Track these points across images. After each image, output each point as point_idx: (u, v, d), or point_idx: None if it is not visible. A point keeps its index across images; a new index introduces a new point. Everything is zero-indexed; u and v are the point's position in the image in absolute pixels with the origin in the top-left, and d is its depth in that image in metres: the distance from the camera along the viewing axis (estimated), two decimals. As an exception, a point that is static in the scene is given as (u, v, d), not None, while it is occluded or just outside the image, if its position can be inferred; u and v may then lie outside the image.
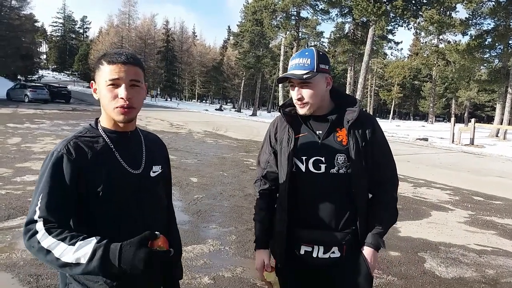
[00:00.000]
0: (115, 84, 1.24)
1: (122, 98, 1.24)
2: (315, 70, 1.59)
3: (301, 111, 1.64)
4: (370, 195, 1.72)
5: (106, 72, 1.24)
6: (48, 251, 1.08)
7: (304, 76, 1.57)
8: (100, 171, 1.24)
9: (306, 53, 1.63)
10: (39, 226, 1.11)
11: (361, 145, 1.62)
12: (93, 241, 1.08)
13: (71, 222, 1.22)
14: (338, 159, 1.61)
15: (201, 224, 4.77)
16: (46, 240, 1.10)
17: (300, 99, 1.61)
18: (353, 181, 1.61)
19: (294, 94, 1.63)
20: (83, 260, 1.05)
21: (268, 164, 1.77)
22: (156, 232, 1.12)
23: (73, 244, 1.08)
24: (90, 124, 1.35)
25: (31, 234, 1.11)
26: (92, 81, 1.33)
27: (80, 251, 1.07)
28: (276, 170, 1.74)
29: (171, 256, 1.12)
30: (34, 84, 33.18)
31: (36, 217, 1.13)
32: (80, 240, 1.09)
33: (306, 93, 1.61)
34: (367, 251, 1.64)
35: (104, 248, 1.06)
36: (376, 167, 1.67)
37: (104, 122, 1.33)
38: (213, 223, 4.84)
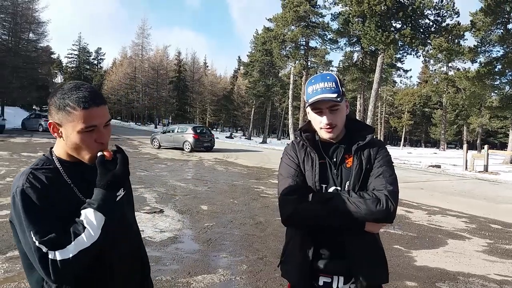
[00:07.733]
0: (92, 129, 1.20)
1: (102, 143, 1.22)
2: (341, 94, 1.57)
3: (327, 135, 1.60)
4: None
5: (80, 117, 1.18)
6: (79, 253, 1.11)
7: (338, 99, 1.55)
8: (61, 206, 1.16)
9: (328, 77, 1.60)
10: (50, 252, 1.09)
11: (365, 167, 1.58)
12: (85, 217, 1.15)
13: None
14: (347, 186, 1.57)
15: (211, 253, 4.70)
16: (62, 252, 1.09)
17: (331, 124, 1.57)
18: None
19: (323, 119, 1.58)
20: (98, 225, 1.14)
21: (297, 177, 1.61)
22: (99, 153, 1.21)
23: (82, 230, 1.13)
24: (44, 155, 1.30)
25: (46, 263, 1.08)
26: (52, 122, 1.25)
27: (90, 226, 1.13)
28: (306, 182, 1.61)
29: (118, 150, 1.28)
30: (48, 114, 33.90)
31: (45, 250, 1.08)
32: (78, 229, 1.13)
33: (336, 117, 1.58)
34: None
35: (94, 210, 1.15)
36: (371, 177, 1.58)
37: (59, 151, 1.29)
38: (223, 252, 4.76)
